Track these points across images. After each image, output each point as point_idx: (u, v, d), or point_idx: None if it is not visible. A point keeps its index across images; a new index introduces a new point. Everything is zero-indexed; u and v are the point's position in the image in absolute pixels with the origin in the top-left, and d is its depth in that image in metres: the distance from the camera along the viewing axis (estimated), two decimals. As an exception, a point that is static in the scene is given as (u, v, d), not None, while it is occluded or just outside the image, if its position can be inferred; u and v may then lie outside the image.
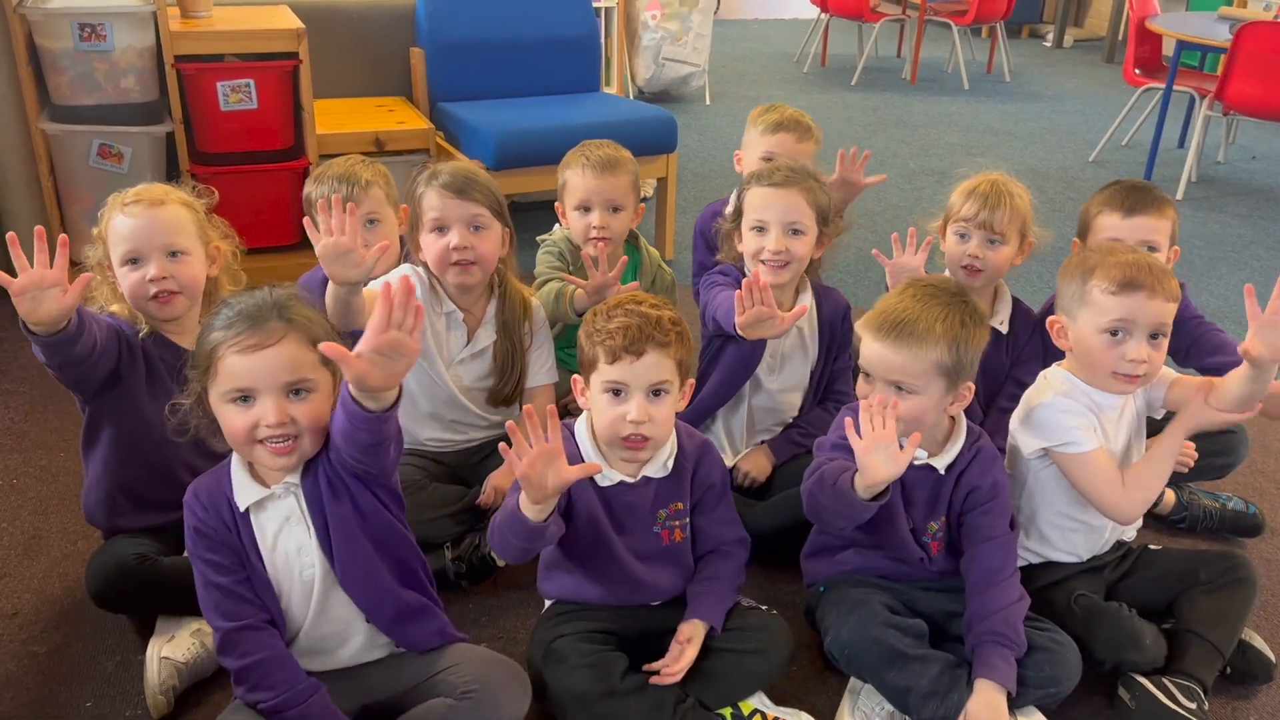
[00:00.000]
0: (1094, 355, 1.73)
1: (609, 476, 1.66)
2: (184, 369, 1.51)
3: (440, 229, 1.98)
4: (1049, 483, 1.81)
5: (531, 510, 1.48)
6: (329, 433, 1.46)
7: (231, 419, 1.42)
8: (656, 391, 1.58)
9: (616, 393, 1.58)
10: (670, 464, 1.69)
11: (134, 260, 1.75)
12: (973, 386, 1.69)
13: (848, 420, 1.61)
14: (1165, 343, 1.73)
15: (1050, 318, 1.82)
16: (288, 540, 1.49)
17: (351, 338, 1.42)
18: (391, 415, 1.36)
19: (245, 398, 1.41)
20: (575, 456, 1.64)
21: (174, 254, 1.76)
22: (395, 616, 1.56)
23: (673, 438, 1.70)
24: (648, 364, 1.56)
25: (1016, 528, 1.75)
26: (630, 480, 1.67)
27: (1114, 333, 1.70)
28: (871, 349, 1.66)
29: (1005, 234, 2.11)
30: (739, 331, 1.88)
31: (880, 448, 1.54)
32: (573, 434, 1.68)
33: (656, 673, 1.61)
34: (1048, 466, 1.80)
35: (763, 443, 2.21)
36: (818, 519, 1.73)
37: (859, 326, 1.71)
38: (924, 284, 1.70)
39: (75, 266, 1.62)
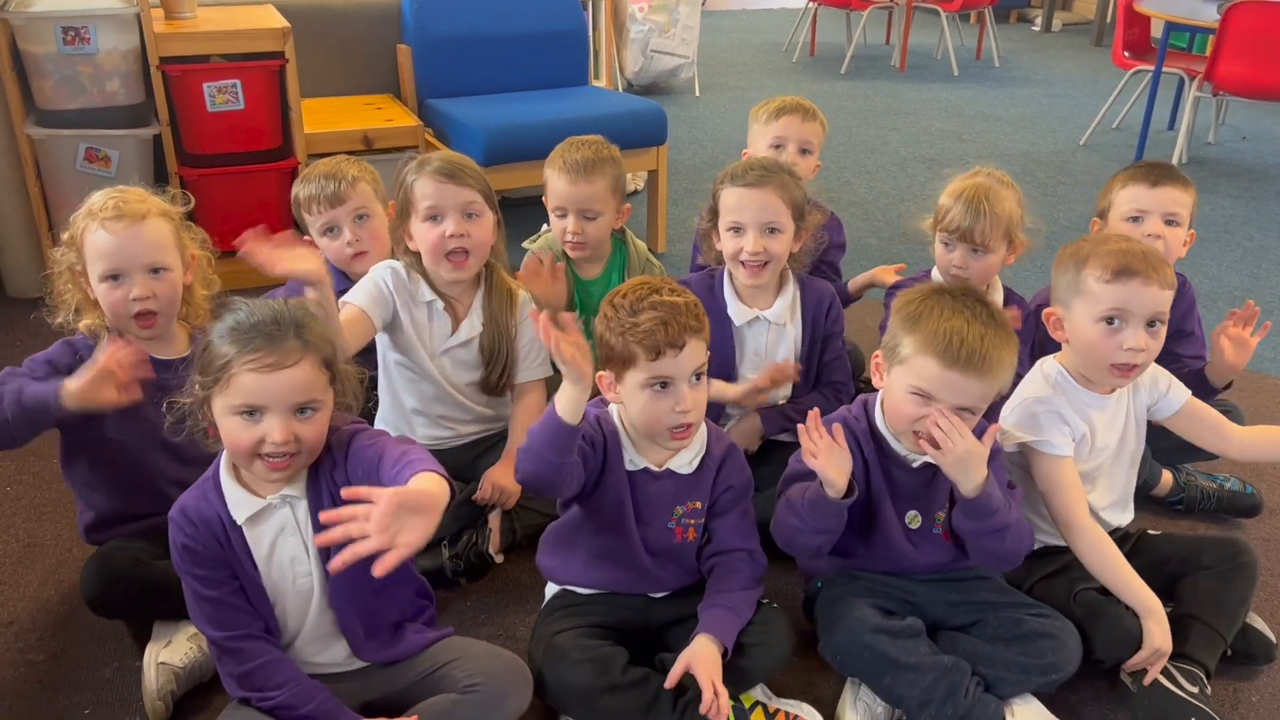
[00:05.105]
0: (1091, 345, 1.72)
1: (635, 462, 1.67)
2: (181, 371, 1.50)
3: (434, 217, 1.97)
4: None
5: None
6: (326, 444, 1.48)
7: (235, 431, 1.42)
8: (697, 376, 1.59)
9: (663, 386, 1.58)
10: (696, 462, 1.69)
11: (115, 277, 1.72)
12: None
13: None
14: (1163, 331, 1.71)
15: (1045, 310, 1.81)
16: (282, 551, 1.50)
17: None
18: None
19: (253, 412, 1.41)
20: (616, 442, 1.65)
21: (156, 270, 1.74)
22: (383, 642, 1.57)
23: (702, 436, 1.70)
24: (689, 353, 1.57)
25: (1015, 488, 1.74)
26: (655, 469, 1.67)
27: (1110, 321, 1.69)
28: (945, 378, 1.55)
29: (988, 244, 2.09)
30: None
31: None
32: (606, 422, 1.67)
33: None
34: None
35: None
36: (794, 545, 1.70)
37: (919, 351, 1.57)
38: (963, 298, 1.60)
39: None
